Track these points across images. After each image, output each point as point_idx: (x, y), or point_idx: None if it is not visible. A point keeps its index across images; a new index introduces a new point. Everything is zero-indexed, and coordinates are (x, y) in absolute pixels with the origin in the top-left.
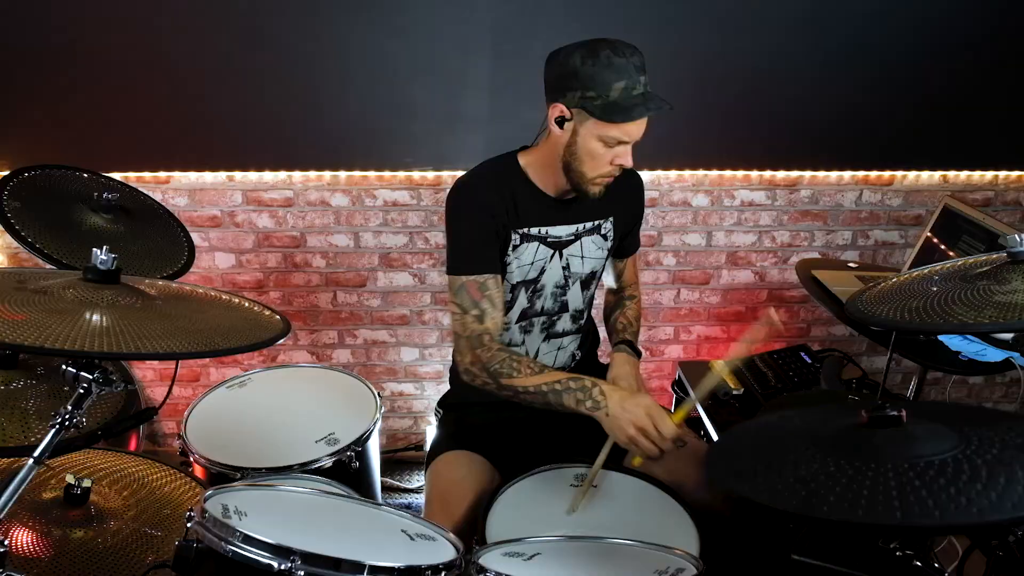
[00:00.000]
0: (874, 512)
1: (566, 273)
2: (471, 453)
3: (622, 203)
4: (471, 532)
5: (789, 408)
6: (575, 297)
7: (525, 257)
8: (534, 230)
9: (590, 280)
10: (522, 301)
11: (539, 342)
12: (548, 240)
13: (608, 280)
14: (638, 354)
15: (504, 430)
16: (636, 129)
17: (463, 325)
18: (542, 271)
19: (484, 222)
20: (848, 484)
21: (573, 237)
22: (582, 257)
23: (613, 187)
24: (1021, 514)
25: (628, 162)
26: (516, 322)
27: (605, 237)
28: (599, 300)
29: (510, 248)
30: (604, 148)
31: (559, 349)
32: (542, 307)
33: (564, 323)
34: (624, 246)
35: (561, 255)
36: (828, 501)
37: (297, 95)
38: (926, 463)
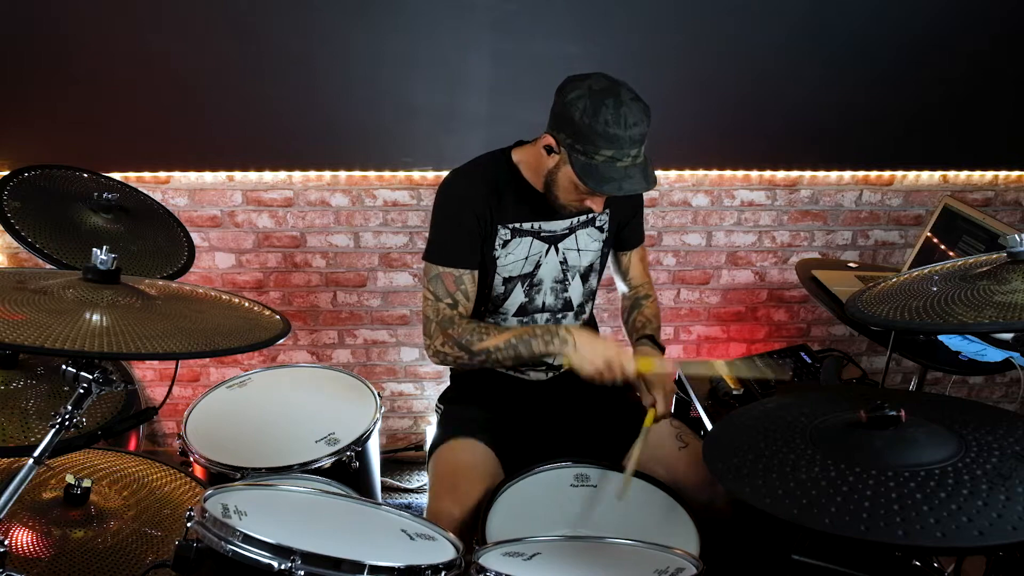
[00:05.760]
0: (876, 529)
1: (564, 267)
2: (473, 440)
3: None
4: (478, 518)
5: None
6: (576, 292)
7: (518, 252)
8: (526, 225)
9: (588, 273)
10: (518, 295)
11: None
12: (542, 234)
13: (617, 281)
14: (661, 349)
15: (504, 422)
16: (608, 195)
17: (436, 311)
18: (537, 265)
19: (466, 218)
20: (849, 493)
21: (567, 231)
22: (578, 250)
23: None
24: (1021, 538)
25: (598, 208)
26: (514, 315)
27: (601, 229)
28: (600, 301)
29: (498, 244)
30: (577, 192)
31: None
32: (543, 303)
33: (567, 320)
34: (624, 238)
35: (557, 249)
36: (830, 512)
37: (297, 95)
38: (926, 473)
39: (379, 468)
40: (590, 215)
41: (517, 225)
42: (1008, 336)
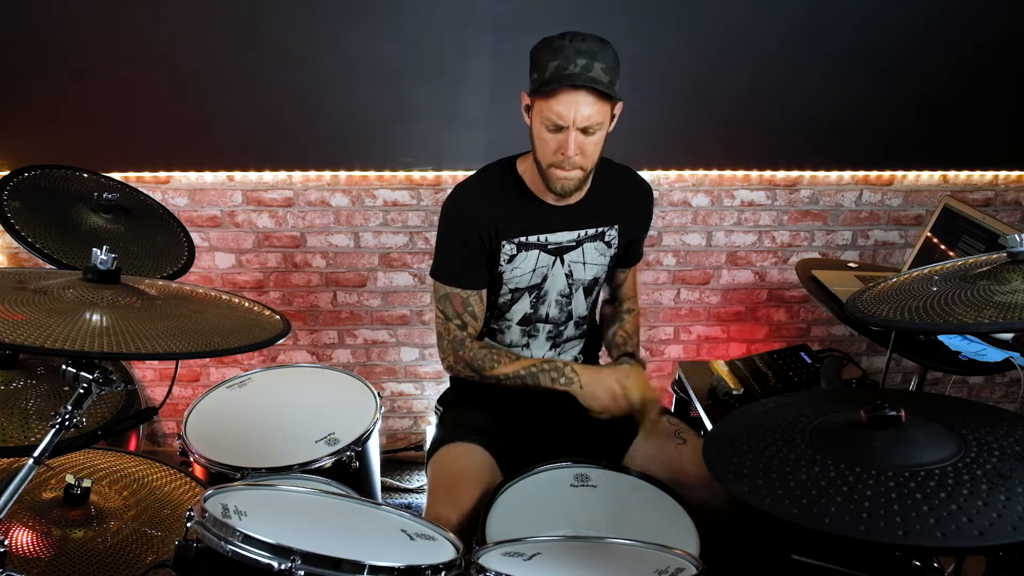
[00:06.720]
0: (876, 529)
1: (570, 280)
2: (472, 445)
3: (629, 211)
4: (476, 522)
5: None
6: (579, 304)
7: (525, 265)
8: (532, 238)
9: (592, 286)
10: (524, 305)
11: (545, 349)
12: (548, 247)
13: (603, 291)
14: (642, 366)
15: (504, 426)
16: (566, 111)
17: (446, 330)
18: (544, 278)
19: (470, 240)
20: (849, 493)
21: (575, 243)
22: (584, 263)
23: (620, 194)
24: (1021, 538)
25: (568, 150)
26: (517, 324)
27: (609, 244)
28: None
29: (503, 259)
30: (548, 134)
31: (561, 354)
32: (547, 314)
33: (569, 330)
34: (627, 256)
35: (563, 261)
36: (830, 512)
37: (297, 95)
38: (926, 473)
39: (379, 468)
40: (599, 228)
41: (523, 239)
42: (1008, 336)
